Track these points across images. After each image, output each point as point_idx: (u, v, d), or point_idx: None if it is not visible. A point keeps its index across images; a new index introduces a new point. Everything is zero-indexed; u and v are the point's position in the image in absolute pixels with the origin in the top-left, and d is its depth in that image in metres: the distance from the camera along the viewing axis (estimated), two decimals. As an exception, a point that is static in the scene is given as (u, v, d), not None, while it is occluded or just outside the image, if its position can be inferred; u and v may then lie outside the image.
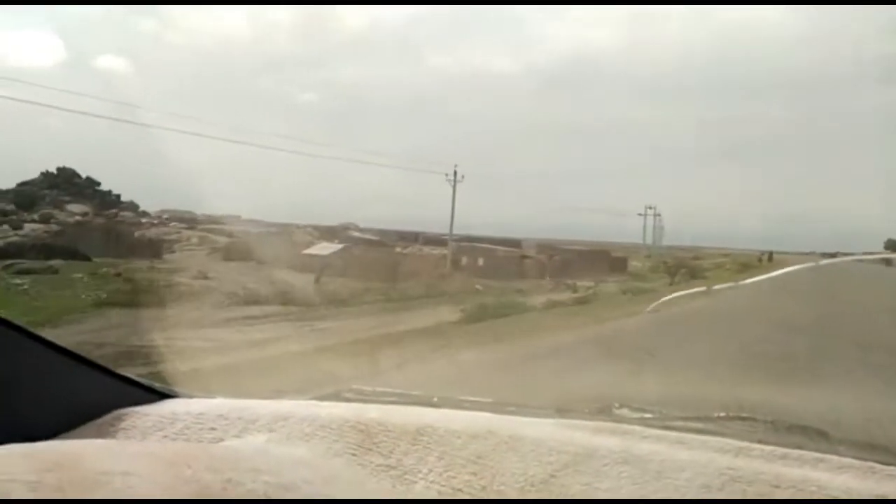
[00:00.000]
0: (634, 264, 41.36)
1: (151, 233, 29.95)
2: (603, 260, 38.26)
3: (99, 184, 32.95)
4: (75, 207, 29.93)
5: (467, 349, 11.07)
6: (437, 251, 32.57)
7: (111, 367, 1.37)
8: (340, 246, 28.26)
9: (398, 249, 32.38)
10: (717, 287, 15.11)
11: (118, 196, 33.69)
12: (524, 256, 34.12)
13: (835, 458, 1.05)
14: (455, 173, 32.85)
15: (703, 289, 18.77)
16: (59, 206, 29.36)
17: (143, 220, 32.06)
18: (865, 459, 1.04)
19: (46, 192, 31.04)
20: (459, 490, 1.08)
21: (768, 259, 44.44)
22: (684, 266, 35.60)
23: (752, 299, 15.38)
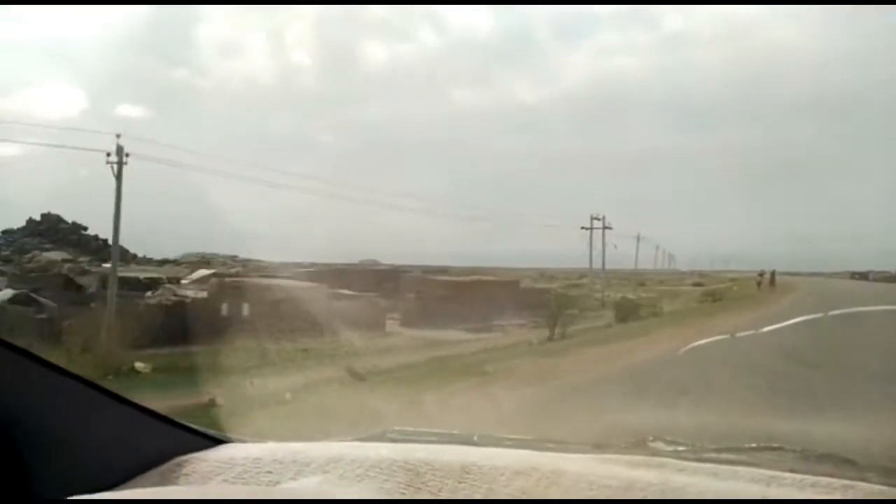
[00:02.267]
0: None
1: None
2: (510, 293, 27.90)
3: (85, 228, 32.59)
4: (53, 255, 29.43)
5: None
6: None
7: (169, 415, 1.43)
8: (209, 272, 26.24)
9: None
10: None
11: (105, 241, 33.26)
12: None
13: (863, 484, 1.10)
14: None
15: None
16: (27, 252, 28.91)
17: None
18: (893, 485, 1.11)
19: (27, 239, 30.68)
20: None
21: (770, 283, 37.35)
22: (629, 304, 28.62)
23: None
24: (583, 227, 38.91)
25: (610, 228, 39.40)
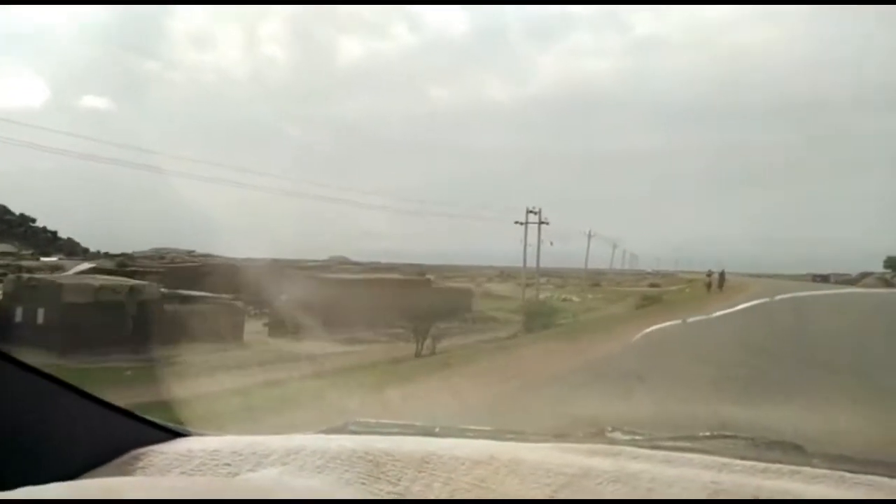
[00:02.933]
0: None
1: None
2: (415, 294, 24.23)
3: (34, 220, 31.55)
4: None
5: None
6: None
7: (128, 408, 1.41)
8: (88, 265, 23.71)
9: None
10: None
11: (54, 233, 32.20)
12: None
13: (809, 469, 1.15)
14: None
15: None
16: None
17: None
18: (836, 469, 1.16)
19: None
20: None
21: (718, 286, 36.39)
22: (544, 310, 26.10)
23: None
24: (516, 222, 36.87)
25: (546, 223, 36.98)
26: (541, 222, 37.08)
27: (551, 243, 37.38)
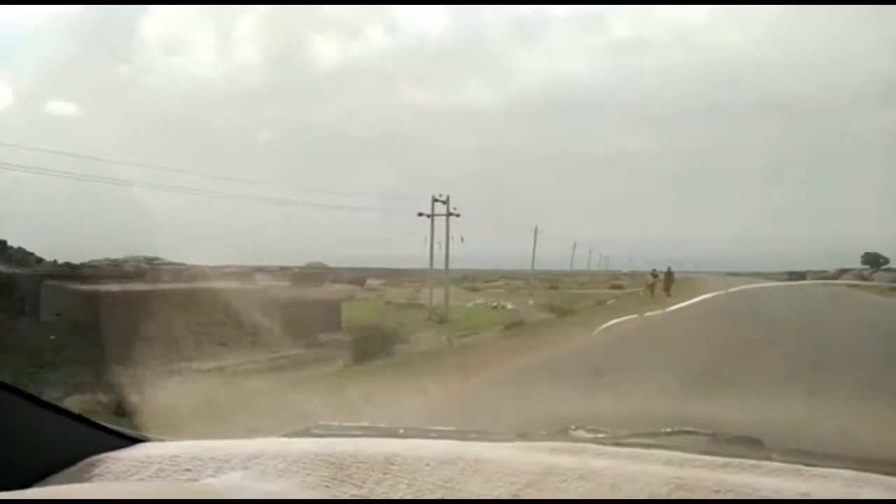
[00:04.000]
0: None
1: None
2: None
3: (-9, 232, 30.69)
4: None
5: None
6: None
7: (82, 414, 1.38)
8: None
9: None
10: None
11: (2, 242, 31.49)
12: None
13: (768, 463, 1.17)
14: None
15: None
16: None
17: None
18: (793, 462, 1.18)
19: None
20: None
21: (664, 288, 31.69)
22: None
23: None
24: (420, 214, 30.36)
25: (457, 215, 30.31)
26: (449, 213, 30.32)
27: (462, 239, 30.74)
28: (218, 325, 16.12)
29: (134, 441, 1.42)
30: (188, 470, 1.29)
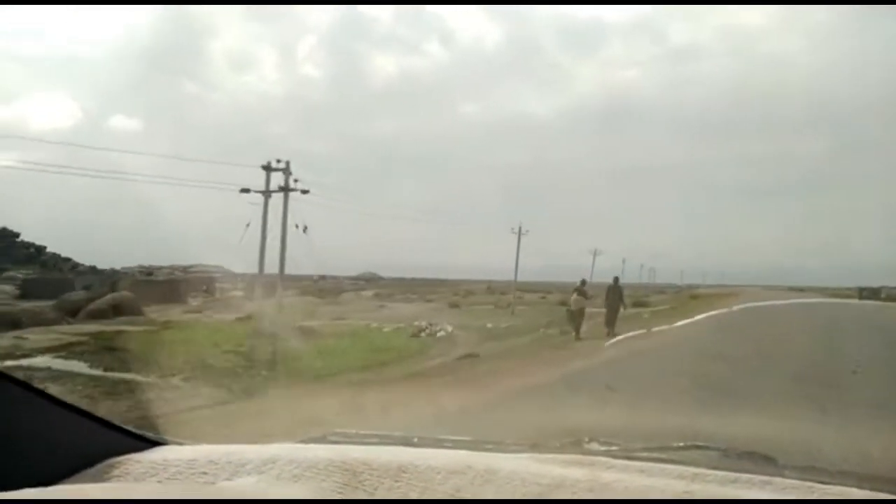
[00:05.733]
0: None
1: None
2: None
3: (17, 236, 31.37)
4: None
5: None
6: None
7: (104, 416, 1.41)
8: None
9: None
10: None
11: (39, 249, 32.18)
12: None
13: (780, 479, 1.17)
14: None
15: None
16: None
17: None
18: (806, 480, 1.17)
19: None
20: None
21: (606, 320, 19.83)
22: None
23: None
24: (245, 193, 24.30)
25: (302, 191, 24.22)
26: (288, 189, 24.62)
27: (304, 229, 24.75)
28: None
29: (152, 444, 1.45)
30: (205, 473, 1.31)
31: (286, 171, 24.43)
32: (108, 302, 27.46)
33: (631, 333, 18.65)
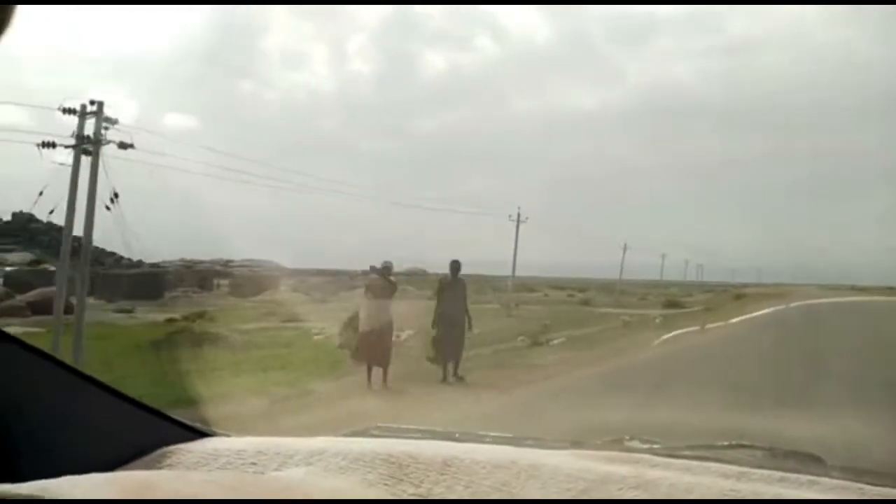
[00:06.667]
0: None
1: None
2: None
3: (61, 228, 31.81)
4: (15, 256, 28.68)
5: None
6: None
7: (155, 406, 1.45)
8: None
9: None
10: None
11: (81, 242, 32.37)
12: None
13: (828, 480, 1.16)
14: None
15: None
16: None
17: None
18: (855, 482, 1.17)
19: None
20: None
21: (434, 344, 11.65)
22: None
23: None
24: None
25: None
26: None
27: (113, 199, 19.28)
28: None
29: (201, 434, 1.49)
30: (254, 464, 1.35)
31: (98, 116, 17.60)
32: (28, 298, 26.41)
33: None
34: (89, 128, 17.34)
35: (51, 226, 31.39)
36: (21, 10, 0.71)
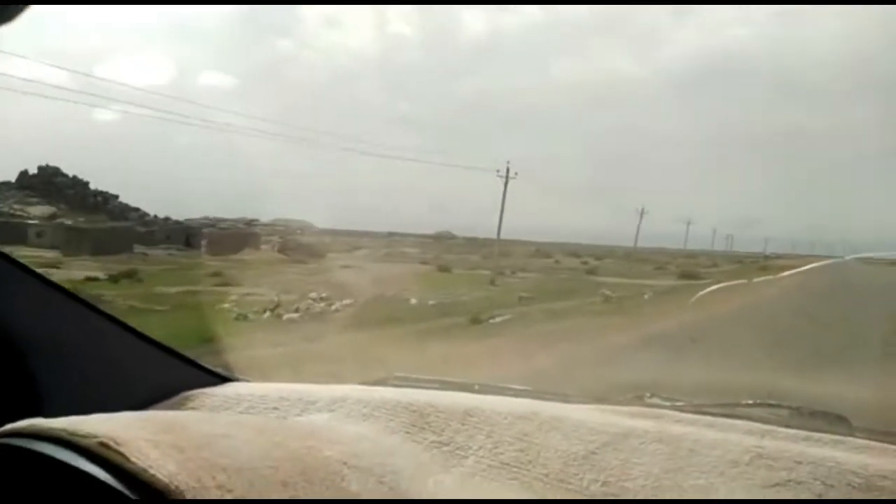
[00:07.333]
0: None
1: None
2: None
3: (87, 184, 31.89)
4: (37, 209, 28.82)
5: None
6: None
7: (180, 350, 1.47)
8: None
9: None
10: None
11: (105, 198, 32.49)
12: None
13: (854, 439, 1.15)
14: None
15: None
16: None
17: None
18: (880, 441, 1.16)
19: (13, 192, 30.06)
20: (507, 464, 1.19)
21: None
22: None
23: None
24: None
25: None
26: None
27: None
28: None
29: (223, 379, 1.51)
30: (276, 409, 1.36)
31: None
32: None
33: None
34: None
35: (76, 180, 31.53)
36: None
